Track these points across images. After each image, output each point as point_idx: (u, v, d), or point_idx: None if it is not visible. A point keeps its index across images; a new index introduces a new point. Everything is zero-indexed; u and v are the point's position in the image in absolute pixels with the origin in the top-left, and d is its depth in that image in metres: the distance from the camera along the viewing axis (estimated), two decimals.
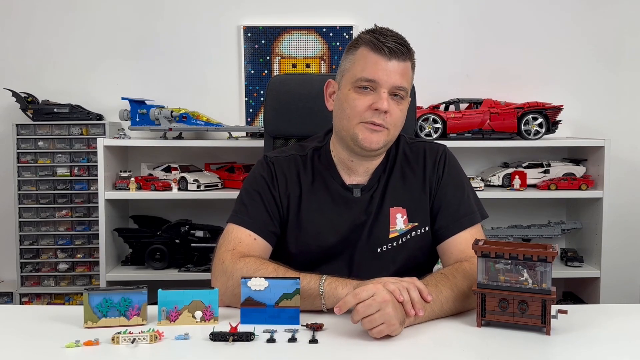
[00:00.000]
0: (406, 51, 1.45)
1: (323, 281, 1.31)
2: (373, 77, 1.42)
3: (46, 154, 2.84)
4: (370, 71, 1.42)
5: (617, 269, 3.00)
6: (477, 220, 1.52)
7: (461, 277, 1.35)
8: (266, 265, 1.38)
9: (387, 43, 1.42)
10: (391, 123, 1.44)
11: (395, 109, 1.44)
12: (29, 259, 2.87)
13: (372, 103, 1.42)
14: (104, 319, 1.24)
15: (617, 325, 1.28)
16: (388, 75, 1.42)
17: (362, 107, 1.43)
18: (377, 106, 1.41)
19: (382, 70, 1.42)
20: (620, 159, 3.02)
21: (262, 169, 1.56)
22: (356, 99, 1.44)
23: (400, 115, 1.46)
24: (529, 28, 3.05)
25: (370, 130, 1.43)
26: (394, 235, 1.50)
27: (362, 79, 1.43)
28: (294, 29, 3.01)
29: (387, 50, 1.42)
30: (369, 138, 1.44)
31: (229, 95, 3.04)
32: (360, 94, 1.44)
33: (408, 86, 1.47)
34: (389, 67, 1.42)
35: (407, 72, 1.46)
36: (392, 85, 1.42)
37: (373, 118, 1.43)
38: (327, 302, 1.30)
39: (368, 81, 1.43)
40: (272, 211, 1.51)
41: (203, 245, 2.77)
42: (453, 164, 1.57)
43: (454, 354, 1.13)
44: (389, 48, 1.42)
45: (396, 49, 1.42)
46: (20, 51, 3.00)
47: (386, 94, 1.42)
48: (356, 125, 1.44)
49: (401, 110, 1.46)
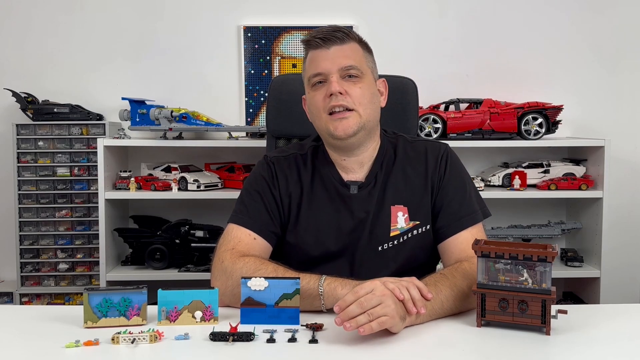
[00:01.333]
0: (343, 35, 1.48)
1: (322, 281, 1.31)
2: (319, 69, 1.46)
3: (46, 154, 2.84)
4: (314, 66, 1.47)
5: (617, 269, 3.00)
6: (478, 219, 1.52)
7: (461, 277, 1.35)
8: (266, 265, 1.38)
9: (320, 35, 1.47)
10: (355, 102, 1.45)
11: (352, 88, 1.46)
12: (29, 259, 2.87)
13: (326, 91, 1.46)
14: (104, 319, 1.24)
15: (617, 325, 1.27)
16: (331, 61, 1.45)
17: (320, 100, 1.47)
18: (329, 90, 1.44)
19: (323, 60, 1.46)
20: (620, 159, 3.02)
21: (262, 169, 1.57)
22: (314, 96, 1.49)
23: (362, 93, 1.46)
24: (529, 28, 3.05)
25: (338, 120, 1.45)
26: (395, 233, 1.50)
27: (312, 76, 1.48)
28: (294, 29, 3.01)
29: (322, 42, 1.46)
30: (339, 126, 1.45)
31: (229, 95, 3.04)
32: (316, 90, 1.48)
33: (359, 64, 1.47)
34: (330, 55, 1.46)
35: (352, 51, 1.48)
36: (338, 68, 1.45)
37: (332, 103, 1.45)
38: (326, 302, 1.30)
39: (317, 75, 1.47)
40: (273, 211, 1.52)
41: (203, 245, 2.77)
42: (455, 162, 1.57)
43: (454, 354, 1.12)
44: (323, 38, 1.46)
45: (330, 36, 1.46)
46: (20, 51, 3.00)
47: (335, 77, 1.45)
48: (325, 120, 1.47)
49: (361, 88, 1.46)
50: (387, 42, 3.01)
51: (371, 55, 1.54)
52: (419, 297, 1.21)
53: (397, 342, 1.17)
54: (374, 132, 1.54)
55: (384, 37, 3.02)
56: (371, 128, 1.51)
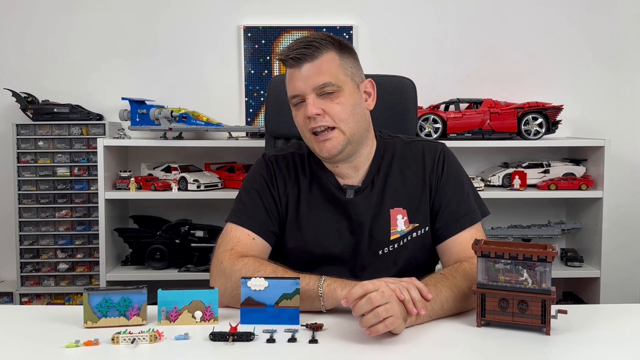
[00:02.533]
0: (315, 49, 1.42)
1: (322, 282, 1.30)
2: (295, 91, 1.45)
3: (46, 154, 2.84)
4: (291, 87, 1.46)
5: (617, 269, 3.00)
6: (477, 219, 1.51)
7: (461, 277, 1.35)
8: (265, 265, 1.37)
9: (292, 54, 1.43)
10: (335, 120, 1.43)
11: (330, 105, 1.42)
12: (29, 259, 2.87)
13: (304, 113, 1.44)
14: (104, 319, 1.24)
15: (617, 325, 1.27)
16: (305, 81, 1.42)
17: (301, 121, 1.46)
18: (306, 114, 1.43)
19: (297, 81, 1.43)
20: (620, 159, 3.02)
21: (261, 167, 1.57)
22: (297, 116, 1.48)
23: (341, 109, 1.43)
24: (530, 28, 3.05)
25: (321, 142, 1.44)
26: (395, 237, 1.50)
27: (290, 97, 1.47)
28: (294, 29, 3.01)
29: (294, 61, 1.43)
30: (323, 148, 1.45)
31: (229, 95, 3.04)
32: (297, 109, 1.47)
33: (333, 78, 1.42)
34: (303, 74, 1.43)
35: (326, 65, 1.43)
36: (312, 88, 1.42)
37: (312, 125, 1.43)
38: (326, 303, 1.30)
39: (295, 97, 1.46)
40: (271, 210, 1.51)
41: (203, 245, 2.77)
42: (452, 162, 1.56)
43: (454, 354, 1.12)
44: (294, 58, 1.43)
45: (300, 54, 1.42)
46: (20, 51, 3.00)
47: (311, 99, 1.42)
48: (310, 139, 1.47)
49: (339, 103, 1.43)
50: (386, 42, 3.02)
51: (351, 58, 1.48)
52: (419, 298, 1.21)
53: (397, 342, 1.17)
54: (364, 140, 1.51)
55: (384, 37, 3.02)
56: (359, 139, 1.48)
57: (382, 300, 1.14)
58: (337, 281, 1.31)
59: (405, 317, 1.18)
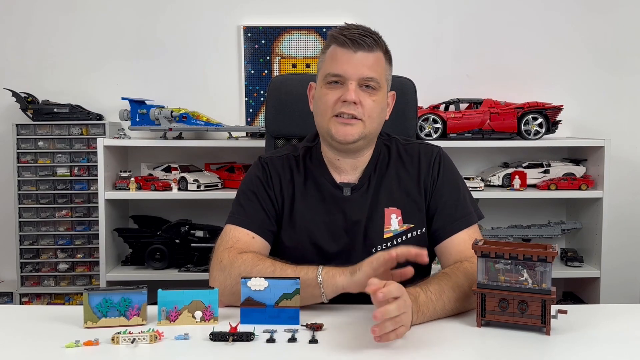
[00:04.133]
0: (373, 42, 1.46)
1: (321, 271, 1.31)
2: (339, 71, 1.44)
3: (46, 154, 2.84)
4: (337, 66, 1.45)
5: (617, 269, 3.00)
6: (473, 221, 1.52)
7: (463, 277, 1.35)
8: (263, 260, 1.38)
9: (351, 36, 1.44)
10: (364, 114, 1.45)
11: (366, 99, 1.45)
12: (29, 259, 2.87)
13: (340, 96, 1.44)
14: (104, 319, 1.24)
15: (617, 325, 1.28)
16: (355, 67, 1.44)
17: (331, 101, 1.45)
18: (345, 97, 1.43)
19: (347, 63, 1.44)
20: (620, 159, 3.02)
21: (257, 169, 1.58)
22: (327, 94, 1.47)
23: (374, 106, 1.46)
24: (530, 28, 3.05)
25: (342, 124, 1.45)
26: (388, 235, 1.51)
27: (330, 74, 1.46)
28: (294, 29, 3.01)
29: (351, 43, 1.44)
30: (341, 131, 1.45)
31: (229, 95, 3.04)
32: (330, 89, 1.46)
33: (379, 77, 1.46)
34: (355, 60, 1.44)
35: (376, 62, 1.46)
36: (359, 77, 1.44)
37: (342, 109, 1.44)
38: (326, 291, 1.31)
39: (335, 76, 1.45)
40: (269, 210, 1.52)
41: (203, 245, 2.77)
42: (448, 165, 1.57)
43: (454, 354, 1.13)
44: (353, 40, 1.44)
45: (361, 40, 1.44)
46: (20, 51, 3.00)
47: (354, 85, 1.44)
48: (329, 120, 1.46)
49: (374, 101, 1.46)
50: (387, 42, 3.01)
51: (391, 66, 1.53)
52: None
53: (397, 341, 1.17)
54: (373, 141, 1.55)
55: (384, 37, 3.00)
56: (371, 139, 1.52)
57: (403, 309, 1.14)
58: (335, 269, 1.32)
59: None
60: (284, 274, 1.32)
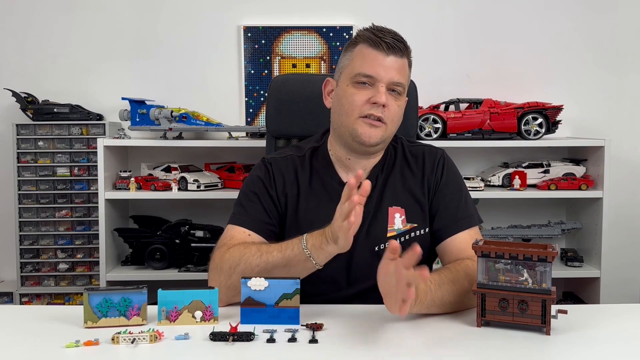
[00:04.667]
0: (404, 48, 1.49)
1: (305, 243, 1.32)
2: (371, 72, 1.45)
3: (46, 154, 2.84)
4: (369, 66, 1.45)
5: (617, 269, 3.00)
6: (475, 222, 1.54)
7: (463, 274, 1.36)
8: (249, 247, 1.39)
9: (385, 39, 1.45)
10: (389, 118, 1.47)
11: (393, 104, 1.47)
12: (29, 259, 2.87)
13: (370, 97, 1.45)
14: (104, 319, 1.24)
15: (617, 325, 1.28)
16: (386, 70, 1.45)
17: (360, 102, 1.46)
18: (376, 99, 1.44)
19: (379, 65, 1.45)
20: (620, 159, 3.02)
21: (259, 170, 1.58)
22: (355, 94, 1.47)
23: (398, 111, 1.49)
24: (529, 28, 3.05)
25: (369, 125, 1.46)
26: (391, 234, 1.51)
27: (361, 74, 1.46)
28: (294, 29, 3.01)
29: (385, 46, 1.45)
30: (367, 132, 1.46)
31: (229, 95, 3.04)
32: (358, 89, 1.47)
33: (405, 83, 1.50)
34: (387, 63, 1.45)
35: (404, 68, 1.50)
36: (389, 81, 1.46)
37: (372, 111, 1.45)
38: (317, 259, 1.31)
39: (366, 77, 1.46)
40: (271, 210, 1.52)
41: (203, 245, 2.77)
42: (451, 167, 1.60)
43: (454, 354, 1.13)
44: (387, 44, 1.45)
45: (394, 44, 1.46)
46: (20, 51, 3.00)
47: (384, 88, 1.45)
48: (355, 120, 1.47)
49: (399, 106, 1.49)
50: None
51: (410, 73, 1.56)
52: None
53: (397, 341, 1.17)
54: (387, 144, 1.57)
55: None
56: (388, 142, 1.55)
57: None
58: (317, 233, 1.31)
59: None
60: (270, 256, 1.34)
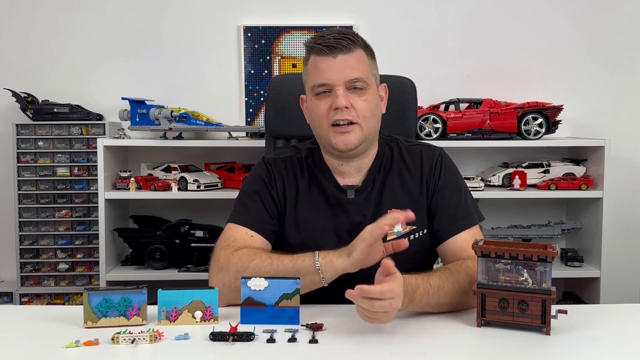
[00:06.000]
0: (350, 42, 1.44)
1: (317, 256, 1.33)
2: (324, 80, 1.44)
3: (46, 154, 2.84)
4: (320, 75, 1.44)
5: (617, 269, 3.00)
6: (475, 222, 1.52)
7: (464, 274, 1.36)
8: (259, 254, 1.39)
9: (327, 42, 1.43)
10: (360, 116, 1.44)
11: (357, 101, 1.44)
12: (29, 259, 2.87)
13: (331, 104, 1.44)
14: (104, 319, 1.24)
15: (617, 325, 1.28)
16: (338, 72, 1.43)
17: (324, 111, 1.45)
18: (335, 104, 1.43)
19: (330, 70, 1.43)
20: (620, 159, 3.02)
21: (260, 170, 1.58)
22: (318, 105, 1.46)
23: (367, 106, 1.45)
24: (529, 28, 3.05)
25: (341, 133, 1.45)
26: (391, 237, 1.50)
27: (317, 85, 1.46)
28: (294, 29, 3.01)
29: (328, 50, 1.43)
30: (342, 140, 1.45)
31: (229, 95, 3.04)
32: (320, 99, 1.46)
33: (365, 75, 1.45)
34: (337, 65, 1.43)
35: (358, 61, 1.45)
36: (345, 80, 1.43)
37: (337, 117, 1.43)
38: (325, 275, 1.32)
39: (322, 85, 1.45)
40: (271, 210, 1.52)
41: (203, 245, 2.77)
42: (450, 166, 1.58)
43: (454, 354, 1.13)
44: (329, 46, 1.43)
45: (337, 44, 1.43)
46: (20, 51, 3.00)
47: (342, 90, 1.43)
48: (327, 130, 1.46)
49: (366, 100, 1.45)
50: (386, 42, 3.01)
51: (375, 60, 1.52)
52: None
53: (397, 341, 1.17)
54: (375, 141, 1.54)
55: (384, 37, 3.02)
56: (372, 139, 1.51)
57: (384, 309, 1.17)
58: (332, 252, 1.33)
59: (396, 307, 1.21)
60: (281, 264, 1.34)
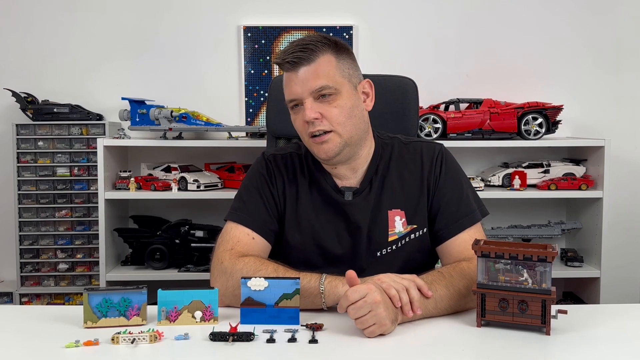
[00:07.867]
0: (311, 52, 1.41)
1: (323, 280, 1.31)
2: (291, 95, 1.44)
3: (46, 154, 2.84)
4: (289, 91, 1.45)
5: (617, 269, 3.00)
6: (476, 219, 1.51)
7: (458, 277, 1.35)
8: (266, 265, 1.38)
9: (288, 58, 1.42)
10: (332, 124, 1.42)
11: (327, 108, 1.42)
12: (29, 259, 2.87)
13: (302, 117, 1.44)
14: (104, 319, 1.24)
15: (617, 325, 1.27)
16: (302, 85, 1.42)
17: (300, 125, 1.46)
18: (303, 119, 1.43)
19: (295, 85, 1.43)
20: (620, 159, 3.02)
21: (260, 166, 1.57)
22: (295, 119, 1.48)
23: (339, 112, 1.42)
24: (529, 28, 3.05)
25: (318, 144, 1.44)
26: (393, 238, 1.50)
27: (288, 101, 1.47)
28: (294, 29, 3.01)
29: (290, 65, 1.42)
30: (322, 150, 1.45)
31: (229, 95, 3.04)
32: (295, 113, 1.47)
33: (330, 80, 1.41)
34: (300, 77, 1.42)
35: (322, 68, 1.41)
36: (310, 91, 1.41)
37: (310, 129, 1.43)
38: (327, 300, 1.30)
39: (292, 101, 1.46)
40: (271, 209, 1.52)
41: (203, 245, 2.77)
42: (450, 162, 1.55)
43: (454, 354, 1.12)
44: (291, 62, 1.42)
45: (297, 58, 1.41)
46: (20, 51, 3.00)
47: (309, 102, 1.41)
48: (308, 142, 1.47)
49: (337, 106, 1.42)
50: (387, 42, 3.02)
51: (348, 59, 1.46)
52: (418, 298, 1.23)
53: (396, 342, 1.17)
54: (363, 141, 1.50)
55: (384, 37, 3.02)
56: (357, 141, 1.48)
57: (363, 312, 1.16)
58: (338, 278, 1.31)
59: (395, 317, 1.20)
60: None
